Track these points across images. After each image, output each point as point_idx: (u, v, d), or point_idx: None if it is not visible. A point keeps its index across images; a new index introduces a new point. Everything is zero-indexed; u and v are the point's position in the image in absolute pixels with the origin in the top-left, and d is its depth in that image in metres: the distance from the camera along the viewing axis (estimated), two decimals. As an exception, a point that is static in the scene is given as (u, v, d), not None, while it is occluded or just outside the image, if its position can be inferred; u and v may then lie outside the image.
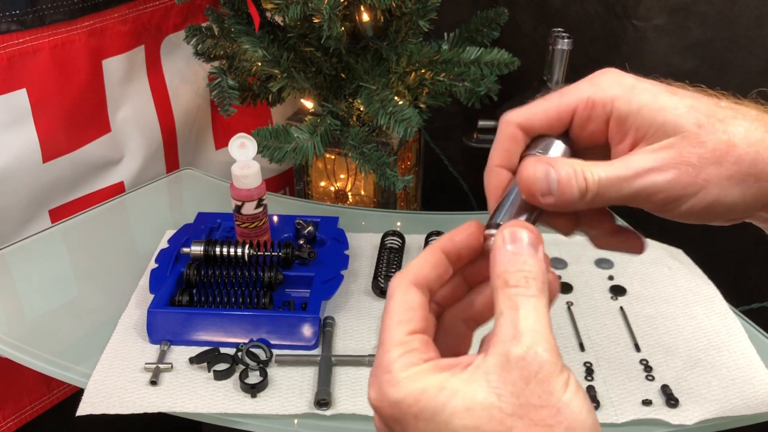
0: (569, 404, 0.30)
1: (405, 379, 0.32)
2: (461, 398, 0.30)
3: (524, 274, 0.32)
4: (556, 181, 0.35)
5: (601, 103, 0.37)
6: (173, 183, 1.11)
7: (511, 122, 0.38)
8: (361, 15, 0.92)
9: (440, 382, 0.31)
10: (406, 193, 1.18)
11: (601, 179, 0.35)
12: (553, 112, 0.38)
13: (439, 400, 0.31)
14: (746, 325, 0.77)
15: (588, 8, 1.05)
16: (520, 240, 0.34)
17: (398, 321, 0.35)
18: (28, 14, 0.87)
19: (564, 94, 0.38)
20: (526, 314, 0.31)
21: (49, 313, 0.81)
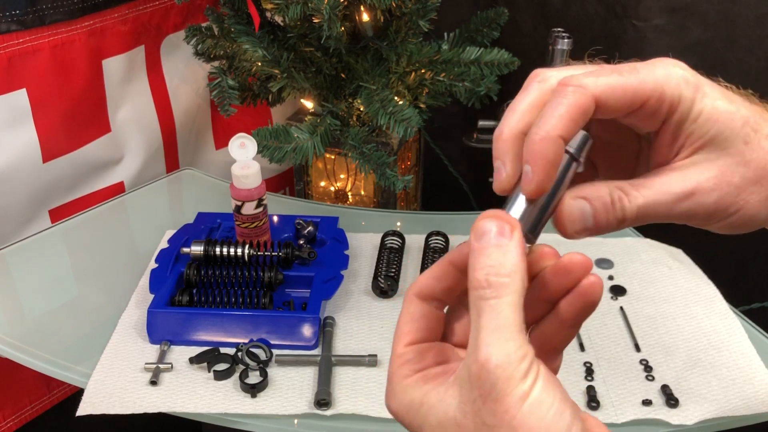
0: (525, 420, 0.29)
1: (398, 391, 0.33)
2: (435, 414, 0.32)
3: (485, 273, 0.31)
4: (592, 215, 0.34)
5: (669, 100, 0.34)
6: (173, 183, 1.11)
7: (590, 92, 0.32)
8: (361, 15, 0.92)
9: (422, 396, 0.32)
10: (406, 193, 1.18)
11: (639, 207, 0.34)
12: (630, 95, 0.33)
13: (420, 414, 0.32)
14: (746, 325, 0.77)
15: (588, 8, 1.05)
16: (485, 233, 0.31)
17: (399, 334, 0.35)
18: (28, 14, 0.87)
19: (641, 77, 0.33)
20: (486, 321, 0.30)
21: (49, 313, 0.81)
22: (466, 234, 1.02)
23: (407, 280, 0.86)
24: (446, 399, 0.31)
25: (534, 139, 0.32)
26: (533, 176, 0.32)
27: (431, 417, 0.32)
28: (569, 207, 0.34)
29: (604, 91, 0.33)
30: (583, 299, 0.33)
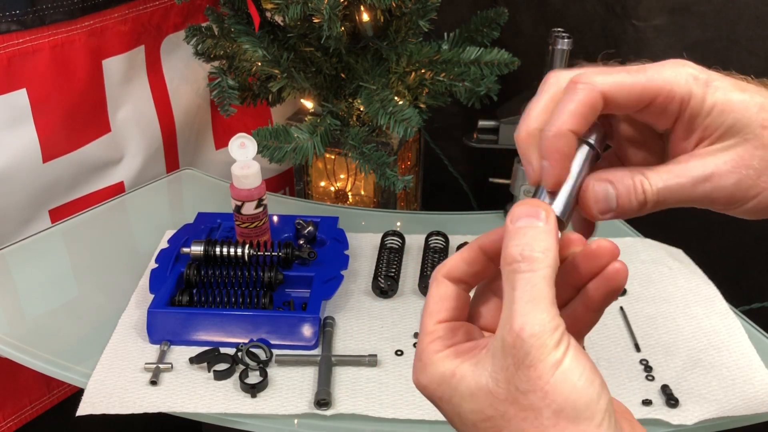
0: (557, 385, 0.30)
1: (429, 365, 0.34)
2: (467, 384, 0.33)
3: (520, 249, 0.32)
4: (615, 197, 0.35)
5: (679, 98, 0.35)
6: (173, 183, 1.11)
7: (597, 88, 0.34)
8: (361, 15, 0.92)
9: (454, 368, 0.34)
10: (406, 193, 1.18)
11: (659, 190, 0.35)
12: (637, 92, 0.35)
13: (452, 385, 0.33)
14: (746, 325, 0.77)
15: (588, 8, 1.05)
16: (521, 217, 0.34)
17: (429, 312, 0.36)
18: (28, 14, 0.87)
19: (649, 75, 0.35)
20: (519, 293, 0.32)
21: (49, 313, 0.81)
22: (466, 234, 1.02)
23: (407, 280, 0.86)
24: (478, 370, 0.33)
25: (547, 135, 0.35)
26: (551, 170, 0.35)
27: (463, 387, 0.33)
28: (594, 189, 0.35)
29: (611, 88, 0.34)
30: (609, 284, 0.35)
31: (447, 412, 0.35)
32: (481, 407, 0.32)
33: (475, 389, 0.33)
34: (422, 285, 0.83)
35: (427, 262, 0.86)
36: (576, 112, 0.34)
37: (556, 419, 0.30)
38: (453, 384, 0.33)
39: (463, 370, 0.33)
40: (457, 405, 0.33)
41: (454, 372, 0.34)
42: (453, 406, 0.34)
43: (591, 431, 0.30)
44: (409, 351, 0.74)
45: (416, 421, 0.66)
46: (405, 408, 0.67)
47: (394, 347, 0.75)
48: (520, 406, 0.31)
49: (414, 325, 0.78)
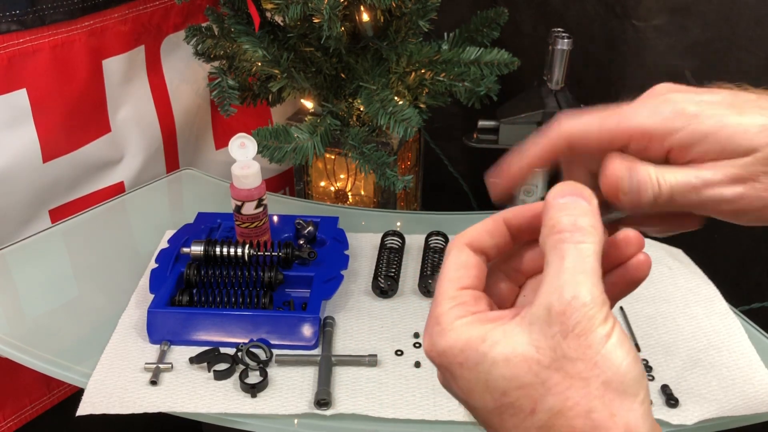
0: (608, 357, 0.30)
1: (452, 330, 0.33)
2: (501, 349, 0.32)
3: (572, 219, 0.33)
4: (636, 182, 0.36)
5: (659, 136, 0.36)
6: (173, 183, 1.11)
7: (562, 134, 0.38)
8: (361, 15, 0.92)
9: (483, 333, 0.32)
10: (406, 193, 1.18)
11: (672, 185, 0.36)
12: (606, 135, 0.37)
13: (481, 350, 0.32)
14: (746, 325, 0.77)
15: (588, 8, 1.05)
16: (567, 193, 0.34)
17: (450, 278, 0.36)
18: (28, 14, 0.87)
19: (621, 119, 0.37)
20: (571, 263, 0.31)
21: (49, 313, 0.81)
22: (466, 234, 1.00)
23: (407, 280, 0.86)
24: (513, 336, 0.32)
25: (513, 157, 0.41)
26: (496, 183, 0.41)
27: (495, 352, 0.32)
28: (622, 169, 0.36)
29: (576, 133, 0.38)
30: (633, 274, 0.36)
31: (467, 380, 0.33)
32: (516, 374, 0.31)
33: (510, 355, 0.31)
34: (422, 285, 0.83)
35: (427, 262, 0.86)
36: (540, 151, 0.39)
37: (604, 390, 0.30)
38: (482, 349, 0.32)
39: (495, 336, 0.32)
40: (485, 371, 0.32)
41: (484, 337, 0.32)
42: (479, 372, 0.32)
43: (635, 407, 0.30)
44: (409, 351, 0.74)
45: (416, 421, 0.66)
46: (405, 408, 0.67)
47: (394, 347, 0.75)
48: (566, 373, 0.30)
49: (414, 325, 0.78)
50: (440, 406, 0.67)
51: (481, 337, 0.32)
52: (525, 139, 0.41)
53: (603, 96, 1.09)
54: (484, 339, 0.32)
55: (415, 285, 0.84)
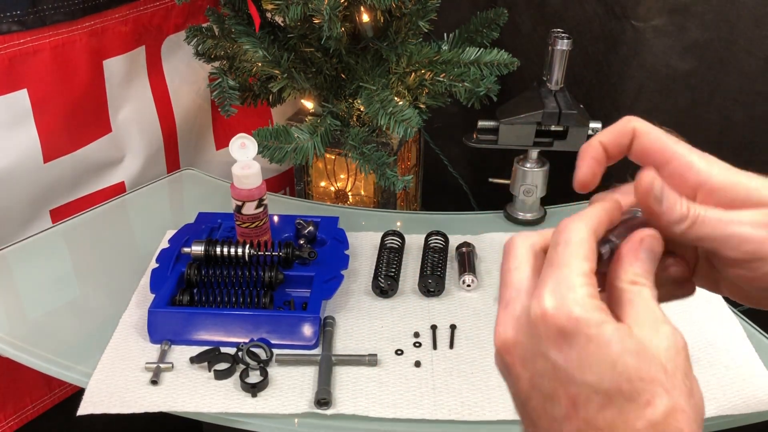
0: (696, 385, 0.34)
1: (590, 304, 0.33)
2: (635, 342, 0.32)
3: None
4: (666, 199, 0.37)
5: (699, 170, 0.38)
6: (174, 183, 1.11)
7: (631, 123, 0.40)
8: (361, 15, 0.92)
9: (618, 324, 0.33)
10: (406, 193, 1.18)
11: (700, 214, 0.37)
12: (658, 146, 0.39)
13: (617, 334, 0.32)
14: (746, 325, 0.77)
15: (587, 9, 1.06)
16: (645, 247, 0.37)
17: (585, 257, 0.35)
18: (29, 15, 0.88)
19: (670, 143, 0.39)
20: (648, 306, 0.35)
21: (50, 313, 0.81)
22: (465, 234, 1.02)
23: (407, 279, 0.86)
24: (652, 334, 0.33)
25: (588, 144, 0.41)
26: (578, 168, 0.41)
27: (633, 341, 0.32)
28: (655, 179, 0.37)
29: (641, 127, 0.40)
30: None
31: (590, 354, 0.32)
32: (645, 368, 0.32)
33: (642, 350, 0.32)
34: (422, 285, 0.83)
35: (426, 261, 0.86)
36: (608, 131, 0.40)
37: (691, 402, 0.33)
38: (619, 333, 0.32)
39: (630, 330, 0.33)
40: (617, 353, 0.32)
41: (621, 325, 0.33)
42: (609, 352, 0.32)
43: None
44: (409, 350, 0.75)
45: (416, 420, 0.66)
46: (405, 408, 0.67)
47: (394, 347, 0.75)
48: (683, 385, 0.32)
49: (414, 325, 0.78)
50: (440, 406, 0.67)
51: (618, 325, 0.33)
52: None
53: (603, 96, 1.09)
54: (620, 327, 0.33)
55: (415, 285, 0.84)
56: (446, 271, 0.86)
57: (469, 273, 0.84)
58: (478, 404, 0.67)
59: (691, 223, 0.37)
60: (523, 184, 0.96)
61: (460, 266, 0.87)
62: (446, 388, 0.69)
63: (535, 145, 0.93)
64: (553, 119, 0.90)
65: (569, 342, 0.33)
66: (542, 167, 0.96)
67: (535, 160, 0.96)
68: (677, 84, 1.02)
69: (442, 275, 0.83)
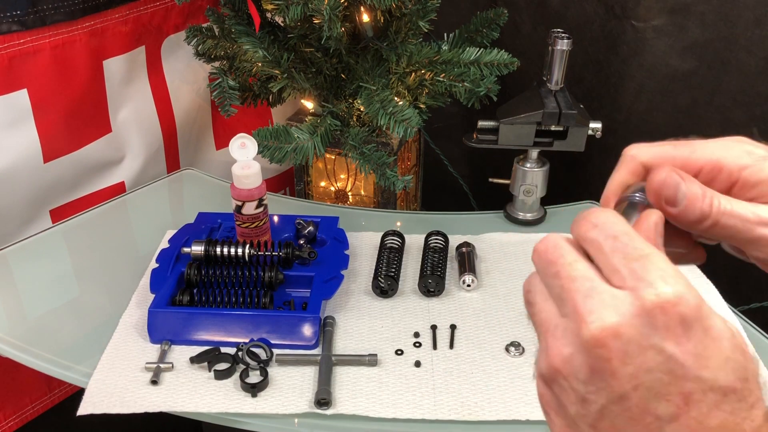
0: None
1: (698, 294, 0.32)
2: (740, 339, 0.32)
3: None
4: (685, 195, 0.35)
5: (728, 170, 0.37)
6: (174, 183, 1.11)
7: (638, 160, 0.39)
8: (361, 15, 0.92)
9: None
10: (406, 193, 1.18)
11: (725, 211, 0.35)
12: (679, 164, 0.37)
13: (726, 327, 0.32)
14: (746, 325, 0.77)
15: (587, 9, 1.06)
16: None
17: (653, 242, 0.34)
18: (29, 15, 0.88)
19: (694, 149, 0.38)
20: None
21: (50, 313, 0.81)
22: (466, 234, 1.02)
23: (407, 279, 0.86)
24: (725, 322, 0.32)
25: (600, 202, 0.40)
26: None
27: (738, 336, 0.31)
28: (669, 176, 0.36)
29: (652, 158, 0.38)
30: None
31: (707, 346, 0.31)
32: (749, 367, 0.31)
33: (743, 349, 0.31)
34: (422, 285, 0.83)
35: (427, 261, 0.86)
36: (617, 180, 0.39)
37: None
38: (727, 328, 0.32)
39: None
40: (728, 348, 0.31)
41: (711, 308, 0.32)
42: (722, 345, 0.31)
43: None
44: (409, 350, 0.74)
45: (416, 420, 0.66)
46: (405, 407, 0.67)
47: (394, 347, 0.75)
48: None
49: (414, 325, 0.78)
50: (440, 406, 0.67)
51: (710, 308, 0.32)
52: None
53: (603, 96, 1.09)
54: (713, 311, 0.32)
55: (415, 285, 0.84)
56: (446, 271, 0.86)
57: (469, 273, 0.84)
58: (478, 404, 0.67)
59: (713, 224, 0.35)
60: (523, 184, 0.96)
61: (460, 266, 0.87)
62: (446, 388, 0.69)
63: (535, 145, 0.93)
64: (553, 119, 0.90)
65: (688, 333, 0.31)
66: (542, 167, 0.96)
67: (535, 160, 0.96)
68: (677, 84, 1.02)
69: (442, 275, 0.83)
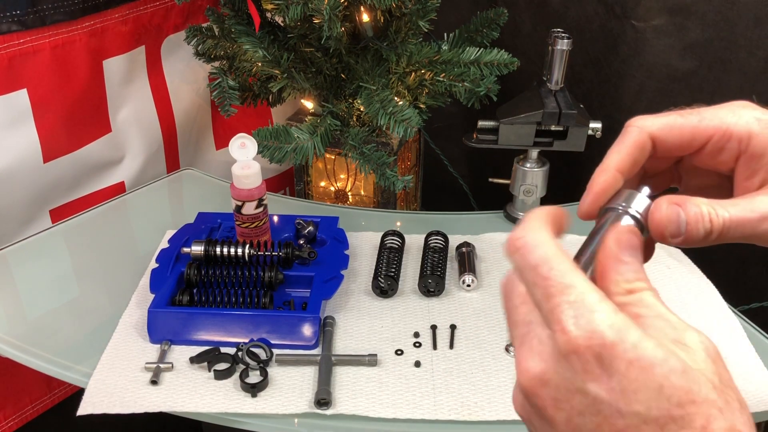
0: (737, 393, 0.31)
1: (620, 322, 0.30)
2: (679, 359, 0.29)
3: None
4: (686, 223, 0.35)
5: (737, 137, 0.36)
6: (174, 183, 1.11)
7: (645, 131, 0.37)
8: (361, 15, 0.92)
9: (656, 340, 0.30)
10: (406, 193, 1.18)
11: (725, 221, 0.35)
12: (688, 133, 0.37)
13: (660, 352, 0.29)
14: (746, 325, 0.77)
15: (587, 9, 1.06)
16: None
17: (576, 266, 0.32)
18: (28, 14, 0.88)
19: (703, 117, 0.37)
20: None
21: (49, 313, 0.81)
22: (466, 234, 1.02)
23: (407, 279, 0.86)
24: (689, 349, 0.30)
25: (595, 171, 0.37)
26: (583, 198, 0.37)
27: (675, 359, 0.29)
28: (669, 211, 0.35)
29: (660, 129, 0.37)
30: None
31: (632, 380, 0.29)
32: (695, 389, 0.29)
33: (688, 369, 0.29)
34: (422, 285, 0.83)
35: (427, 261, 0.86)
36: (624, 153, 0.37)
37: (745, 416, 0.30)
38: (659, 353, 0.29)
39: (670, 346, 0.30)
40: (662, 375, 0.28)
41: (662, 341, 0.29)
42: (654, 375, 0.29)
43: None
44: (409, 350, 0.74)
45: (416, 420, 0.66)
46: (405, 408, 0.67)
47: (394, 347, 0.75)
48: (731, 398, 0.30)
49: (414, 325, 0.78)
50: (440, 406, 0.67)
51: (653, 341, 0.29)
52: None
53: (603, 96, 1.09)
54: (658, 344, 0.29)
55: (415, 285, 0.84)
56: (446, 271, 0.86)
57: (469, 273, 0.84)
58: (478, 404, 0.67)
59: (718, 235, 0.35)
60: (523, 184, 0.96)
61: (460, 266, 0.87)
62: (446, 388, 0.69)
63: (535, 145, 0.93)
64: (553, 119, 0.90)
65: (609, 371, 0.29)
66: (542, 167, 0.96)
67: (535, 160, 0.96)
68: (677, 84, 1.02)
69: (442, 275, 0.83)
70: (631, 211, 0.36)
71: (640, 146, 0.37)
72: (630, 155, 0.37)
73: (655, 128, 0.37)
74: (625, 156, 0.37)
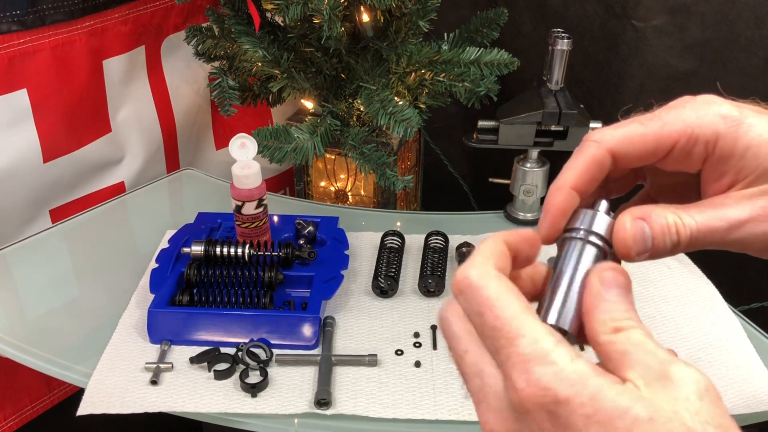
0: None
1: (574, 373, 0.27)
2: (646, 405, 0.27)
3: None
4: (651, 238, 0.33)
5: (704, 139, 0.34)
6: (174, 183, 1.11)
7: (603, 146, 0.34)
8: (361, 15, 0.92)
9: (618, 387, 0.28)
10: (406, 193, 1.18)
11: (692, 231, 0.33)
12: (651, 142, 0.34)
13: (622, 401, 0.27)
14: (746, 325, 0.77)
15: (588, 8, 1.06)
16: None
17: (526, 307, 0.30)
18: (28, 14, 0.88)
19: (665, 122, 0.34)
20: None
21: (49, 313, 0.81)
22: (466, 234, 1.02)
23: (407, 279, 0.86)
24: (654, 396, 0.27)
25: (550, 189, 0.35)
26: (542, 222, 0.35)
27: (639, 408, 0.27)
28: (633, 229, 0.33)
29: (620, 142, 0.34)
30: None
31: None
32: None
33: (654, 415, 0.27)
34: (422, 285, 0.83)
35: (426, 261, 0.86)
36: (581, 169, 0.34)
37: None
38: (622, 403, 0.27)
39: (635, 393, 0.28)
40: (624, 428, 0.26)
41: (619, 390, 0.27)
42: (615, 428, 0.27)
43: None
44: (409, 350, 0.74)
45: (416, 420, 0.66)
46: (405, 408, 0.67)
47: (394, 347, 0.75)
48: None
49: (414, 325, 0.78)
50: (441, 406, 0.67)
51: (619, 389, 0.27)
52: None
53: (603, 96, 1.09)
54: (623, 391, 0.27)
55: (415, 285, 0.84)
56: (446, 271, 0.86)
57: (469, 273, 0.84)
58: (478, 404, 0.67)
59: (686, 246, 0.33)
60: (523, 184, 0.96)
61: (460, 266, 0.87)
62: (446, 388, 0.69)
63: (535, 145, 0.93)
64: (553, 119, 0.90)
65: (565, 425, 0.27)
66: (542, 167, 0.96)
67: (535, 160, 0.96)
68: (677, 84, 1.02)
69: (442, 275, 0.83)
70: (592, 238, 0.34)
71: (598, 163, 0.34)
72: (586, 172, 0.35)
73: (614, 142, 0.34)
74: (582, 173, 0.34)
